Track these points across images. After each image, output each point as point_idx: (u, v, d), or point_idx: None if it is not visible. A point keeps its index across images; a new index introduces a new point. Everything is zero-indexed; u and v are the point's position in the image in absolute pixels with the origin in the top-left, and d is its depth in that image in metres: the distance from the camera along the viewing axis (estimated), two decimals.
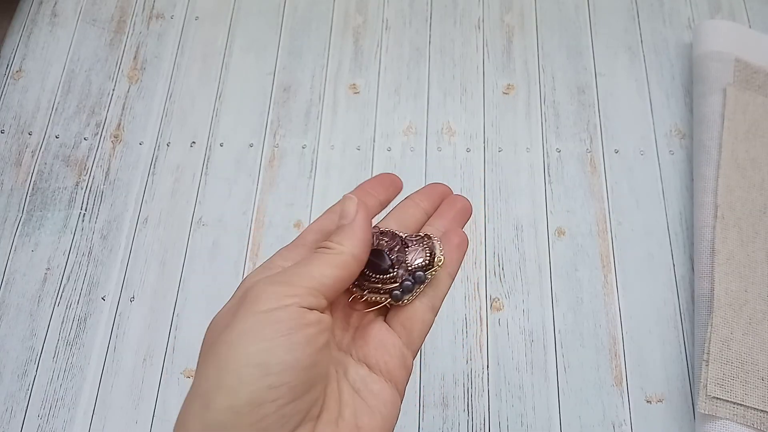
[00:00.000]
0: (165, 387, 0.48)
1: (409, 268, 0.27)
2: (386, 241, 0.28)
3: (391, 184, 0.30)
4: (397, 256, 0.27)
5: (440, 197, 0.31)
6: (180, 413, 0.22)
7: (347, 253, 0.25)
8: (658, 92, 0.58)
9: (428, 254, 0.27)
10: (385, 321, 0.27)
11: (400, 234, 0.28)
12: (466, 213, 0.30)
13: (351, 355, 0.26)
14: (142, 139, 0.57)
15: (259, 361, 0.21)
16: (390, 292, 0.27)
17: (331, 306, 0.25)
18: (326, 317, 0.24)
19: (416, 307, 0.27)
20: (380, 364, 0.26)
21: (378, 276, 0.27)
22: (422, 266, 0.27)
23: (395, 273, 0.27)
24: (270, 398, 0.21)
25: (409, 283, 0.27)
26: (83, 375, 0.48)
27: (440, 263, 0.27)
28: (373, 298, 0.27)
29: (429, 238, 0.28)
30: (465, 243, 0.29)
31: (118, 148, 0.57)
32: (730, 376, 0.44)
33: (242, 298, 0.23)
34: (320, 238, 0.27)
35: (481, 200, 0.54)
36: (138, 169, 0.56)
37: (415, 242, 0.28)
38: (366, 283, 0.27)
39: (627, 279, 0.51)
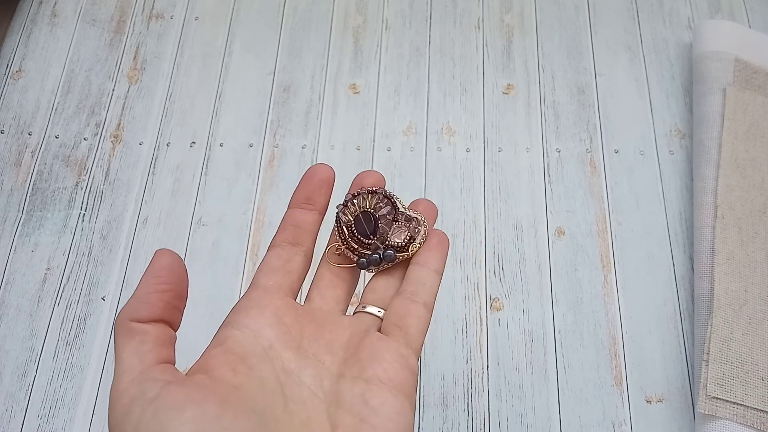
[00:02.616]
0: None
1: (386, 242, 0.28)
2: (382, 206, 0.28)
3: (321, 185, 0.28)
4: (382, 226, 0.28)
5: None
6: None
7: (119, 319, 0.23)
8: (657, 92, 0.58)
9: (408, 237, 0.28)
10: (378, 332, 0.26)
11: (398, 204, 0.28)
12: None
13: (344, 377, 0.24)
14: (142, 139, 0.57)
15: None
16: (360, 257, 0.28)
17: (302, 336, 0.25)
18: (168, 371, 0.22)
19: (406, 305, 0.26)
20: (378, 374, 0.24)
21: (358, 237, 0.28)
22: (396, 246, 0.28)
23: (372, 242, 0.28)
24: None
25: (377, 256, 0.27)
26: (83, 375, 0.48)
27: (413, 251, 0.28)
28: (348, 254, 0.28)
29: (418, 223, 0.28)
30: (445, 241, 0.28)
31: (118, 148, 0.57)
32: (730, 376, 0.44)
33: None
34: (275, 278, 0.26)
35: (481, 200, 0.54)
36: (138, 169, 0.56)
37: (404, 219, 0.28)
38: (349, 240, 0.28)
39: (627, 279, 0.51)
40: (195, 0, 0.64)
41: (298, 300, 0.27)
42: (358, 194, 0.28)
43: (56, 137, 0.57)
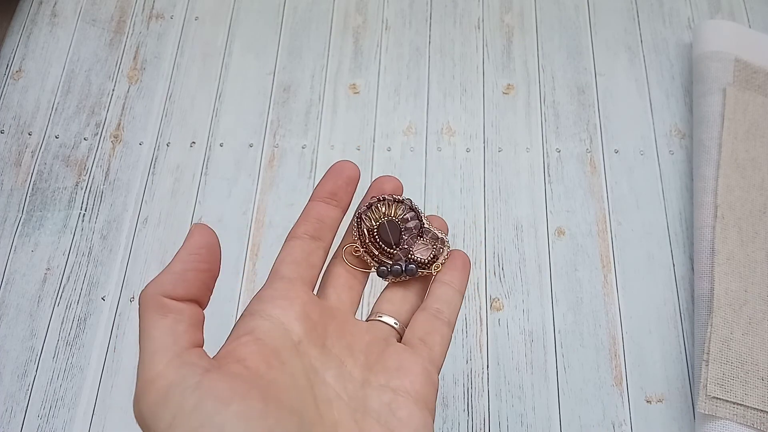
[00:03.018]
0: None
1: (409, 256, 0.28)
2: (409, 218, 0.28)
3: (348, 182, 0.27)
4: (407, 239, 0.28)
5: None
6: None
7: (145, 293, 0.22)
8: (657, 92, 0.58)
9: (432, 255, 0.28)
10: (400, 342, 0.26)
11: (424, 219, 0.28)
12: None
13: (370, 384, 0.24)
14: (142, 139, 0.57)
15: None
16: (380, 264, 0.28)
17: (326, 334, 0.24)
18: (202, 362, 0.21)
19: (431, 321, 0.27)
20: (406, 385, 0.24)
21: (380, 244, 0.28)
22: (420, 262, 0.28)
23: (395, 252, 0.28)
24: None
25: (398, 268, 0.28)
26: (83, 375, 0.48)
27: (436, 269, 0.28)
28: (366, 259, 0.28)
29: (443, 243, 0.28)
30: (468, 264, 0.29)
31: (118, 148, 0.57)
32: (730, 376, 0.44)
33: None
34: (299, 271, 0.26)
35: (481, 200, 0.54)
36: (138, 169, 0.56)
37: (429, 237, 0.28)
38: (369, 244, 0.28)
39: (627, 279, 0.51)
40: (195, 0, 0.64)
41: None
42: (384, 200, 0.28)
43: (56, 137, 0.57)
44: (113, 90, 0.59)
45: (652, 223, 0.53)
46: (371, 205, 0.28)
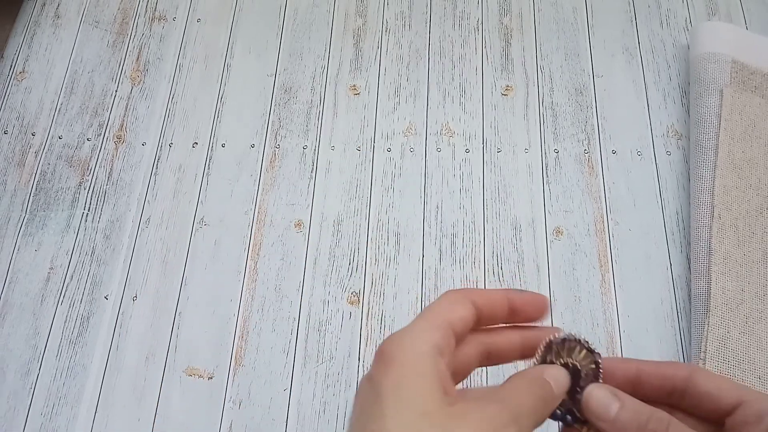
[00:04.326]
0: (167, 385, 0.48)
1: (570, 406, 0.26)
2: (591, 374, 0.26)
3: (531, 314, 0.27)
4: (579, 390, 0.26)
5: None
6: None
7: (558, 392, 0.24)
8: (655, 93, 0.59)
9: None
10: None
11: (600, 380, 0.26)
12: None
13: None
14: (144, 139, 0.58)
15: None
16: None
17: None
18: None
19: None
20: None
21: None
22: (576, 416, 0.26)
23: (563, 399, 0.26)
24: None
25: (558, 412, 0.26)
26: (86, 373, 0.48)
27: (582, 430, 0.26)
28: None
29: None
30: None
31: (121, 149, 0.57)
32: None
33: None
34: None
35: (480, 200, 0.54)
36: (140, 169, 0.56)
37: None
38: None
39: (624, 278, 0.51)
40: (197, 2, 0.64)
41: None
42: (579, 342, 0.27)
43: (59, 138, 0.58)
44: (116, 91, 0.60)
45: (649, 223, 0.53)
46: (565, 341, 0.27)
